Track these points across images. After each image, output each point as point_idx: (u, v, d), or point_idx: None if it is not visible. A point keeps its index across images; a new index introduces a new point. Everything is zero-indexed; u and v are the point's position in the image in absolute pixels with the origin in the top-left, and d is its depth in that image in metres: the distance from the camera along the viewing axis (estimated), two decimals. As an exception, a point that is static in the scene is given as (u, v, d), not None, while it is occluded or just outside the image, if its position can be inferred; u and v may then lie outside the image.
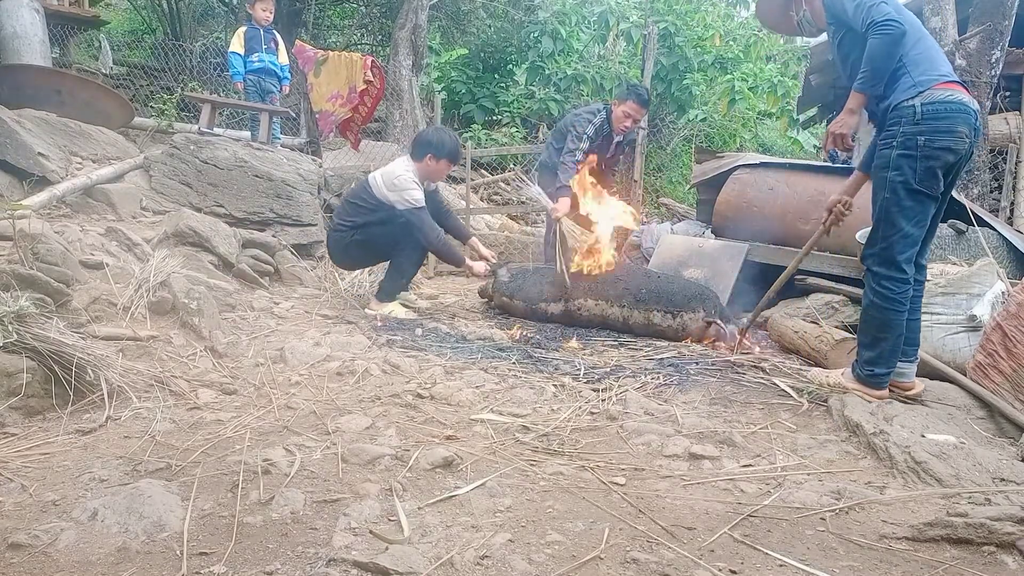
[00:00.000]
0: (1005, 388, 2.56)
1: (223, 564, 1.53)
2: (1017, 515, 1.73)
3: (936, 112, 2.41)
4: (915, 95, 2.44)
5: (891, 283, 2.54)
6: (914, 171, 2.44)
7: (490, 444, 2.30)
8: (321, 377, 2.91)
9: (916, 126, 2.43)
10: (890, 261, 2.53)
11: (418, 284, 5.46)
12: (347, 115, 5.90)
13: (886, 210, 2.51)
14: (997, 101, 6.18)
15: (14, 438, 2.13)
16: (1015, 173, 6.35)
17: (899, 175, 2.46)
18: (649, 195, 9.85)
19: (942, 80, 2.45)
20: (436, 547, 1.63)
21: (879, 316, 2.57)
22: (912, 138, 2.44)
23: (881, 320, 2.57)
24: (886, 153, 2.51)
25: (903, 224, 2.49)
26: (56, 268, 2.95)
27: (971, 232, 3.95)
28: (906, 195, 2.47)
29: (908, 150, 2.44)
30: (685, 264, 4.92)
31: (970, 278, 3.00)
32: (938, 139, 2.42)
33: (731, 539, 1.73)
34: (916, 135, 2.43)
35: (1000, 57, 5.49)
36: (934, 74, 2.46)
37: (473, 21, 10.67)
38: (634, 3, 10.67)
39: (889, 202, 2.49)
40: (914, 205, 2.48)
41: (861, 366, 2.66)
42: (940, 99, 2.42)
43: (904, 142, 2.45)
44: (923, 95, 2.43)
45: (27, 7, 6.65)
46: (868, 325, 2.62)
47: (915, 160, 2.44)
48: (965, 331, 2.89)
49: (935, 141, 2.42)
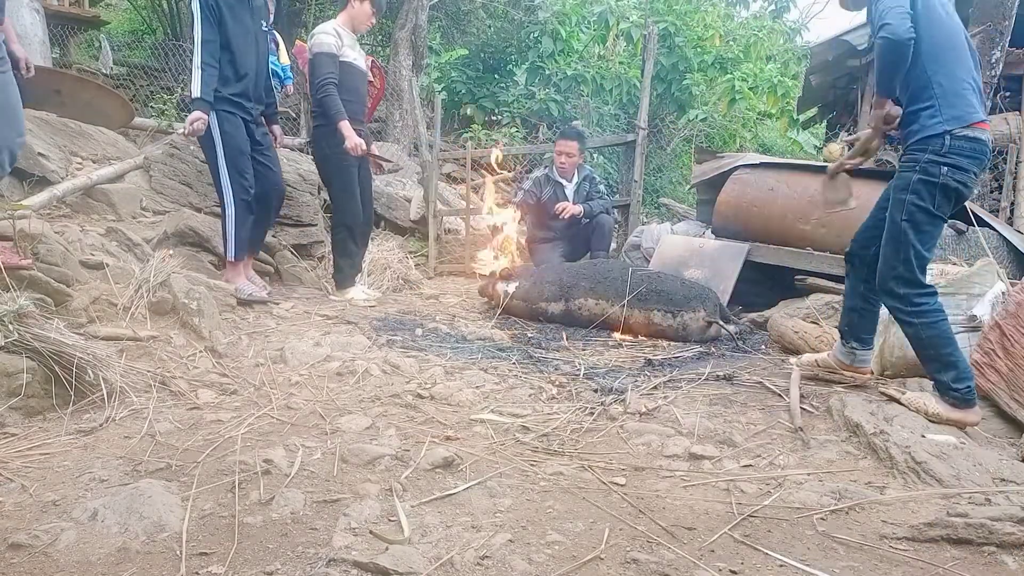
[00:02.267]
0: (1001, 387, 2.56)
1: (223, 564, 1.53)
2: (1017, 515, 1.73)
3: (962, 149, 2.44)
4: (945, 129, 2.45)
5: (923, 298, 2.53)
6: (933, 197, 2.47)
7: (490, 444, 2.30)
8: (321, 377, 2.91)
9: (942, 157, 2.45)
10: (914, 281, 2.54)
11: (419, 284, 5.47)
12: (347, 115, 5.89)
13: (904, 232, 2.52)
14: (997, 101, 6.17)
15: (14, 438, 2.13)
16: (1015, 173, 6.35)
17: (918, 199, 2.49)
18: (649, 195, 9.85)
19: (974, 119, 2.46)
20: (436, 547, 1.63)
21: (933, 332, 2.52)
22: (935, 165, 2.46)
23: (937, 336, 2.51)
24: (907, 176, 2.53)
25: (919, 247, 2.52)
26: (56, 268, 2.95)
27: (971, 232, 3.95)
28: (925, 219, 2.50)
29: (930, 176, 2.47)
30: (685, 264, 4.92)
31: (970, 278, 3.00)
32: (958, 174, 2.46)
33: (731, 539, 1.73)
34: (940, 164, 2.46)
35: (1000, 57, 5.49)
36: (966, 111, 2.46)
37: (473, 21, 10.66)
38: (634, 3, 10.67)
39: (906, 225, 2.52)
40: (931, 230, 2.53)
41: (952, 389, 2.48)
42: (970, 136, 2.45)
43: (926, 168, 2.48)
44: (953, 131, 2.44)
45: (27, 7, 6.65)
46: (929, 348, 2.54)
47: (935, 187, 2.47)
48: (965, 331, 2.89)
49: (956, 174, 2.46)
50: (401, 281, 5.35)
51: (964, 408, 2.47)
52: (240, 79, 4.02)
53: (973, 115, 2.46)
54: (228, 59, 3.97)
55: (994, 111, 6.06)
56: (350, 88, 4.42)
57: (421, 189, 6.75)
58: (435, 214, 6.28)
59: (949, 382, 2.47)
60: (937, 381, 2.53)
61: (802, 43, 11.02)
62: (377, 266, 5.27)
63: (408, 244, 6.47)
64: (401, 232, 6.63)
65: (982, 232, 3.80)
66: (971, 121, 2.45)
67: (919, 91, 2.50)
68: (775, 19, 11.66)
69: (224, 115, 3.97)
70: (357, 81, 4.52)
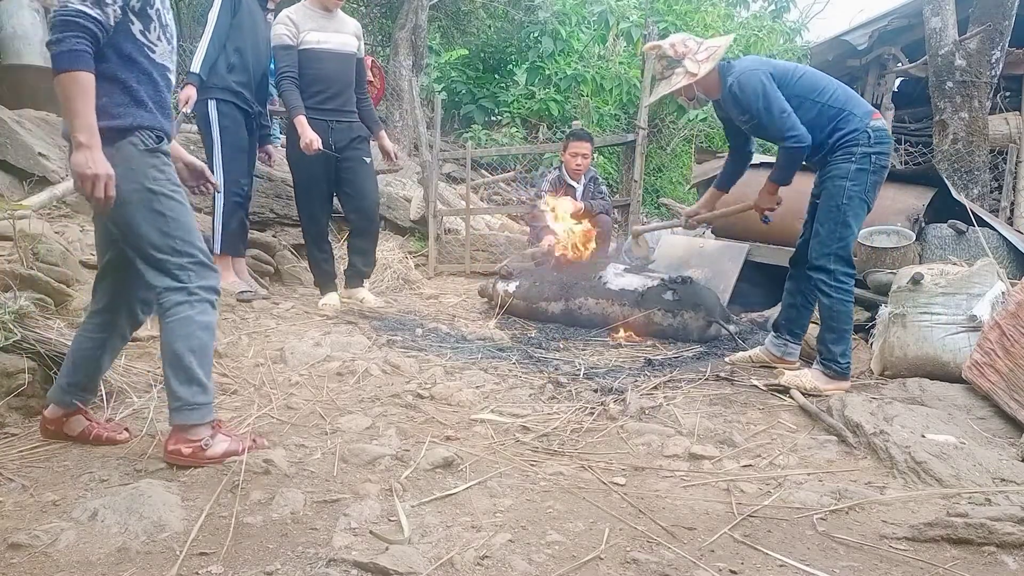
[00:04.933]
0: (1000, 387, 2.56)
1: (223, 564, 1.53)
2: (1017, 515, 1.73)
3: (880, 137, 2.92)
4: (865, 124, 2.91)
5: (847, 277, 2.93)
6: (866, 183, 2.91)
7: (490, 444, 2.30)
8: (321, 377, 2.91)
9: (871, 147, 2.90)
10: (846, 258, 2.93)
11: (419, 284, 5.47)
12: (347, 115, 5.88)
13: (843, 214, 2.91)
14: (997, 101, 6.18)
15: (14, 438, 2.13)
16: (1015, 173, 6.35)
17: (855, 185, 2.90)
18: (649, 195, 9.85)
19: (875, 112, 2.99)
20: (436, 547, 1.63)
21: (844, 309, 2.93)
22: (867, 156, 2.90)
23: (845, 312, 2.93)
24: (844, 167, 2.93)
25: (855, 226, 2.94)
26: (56, 268, 2.95)
27: (971, 232, 3.95)
28: (859, 204, 2.93)
29: (864, 166, 2.90)
30: (686, 264, 4.92)
31: (970, 278, 3.00)
32: (882, 159, 2.93)
33: (731, 539, 1.73)
34: (872, 154, 2.90)
35: (1000, 57, 5.49)
36: (868, 107, 3.00)
37: (473, 21, 10.66)
38: (634, 3, 10.66)
39: (847, 207, 2.91)
40: (862, 214, 2.97)
41: (836, 362, 2.91)
42: (880, 127, 2.94)
43: (862, 158, 2.90)
44: (869, 124, 2.91)
45: (27, 7, 6.65)
46: (836, 321, 2.94)
47: (867, 174, 2.90)
48: (965, 331, 2.89)
49: (881, 160, 2.92)
50: (401, 281, 5.36)
51: (840, 379, 2.92)
52: (244, 70, 4.03)
53: (873, 110, 3.00)
54: (236, 48, 3.97)
55: (994, 111, 6.07)
56: (318, 77, 3.99)
57: (421, 189, 6.75)
58: (435, 214, 6.28)
59: (838, 355, 2.90)
60: (828, 351, 2.93)
61: (802, 43, 11.01)
62: (377, 266, 5.27)
63: (408, 244, 6.47)
64: (401, 232, 6.63)
65: (982, 232, 3.80)
66: (874, 112, 2.98)
67: (832, 116, 2.96)
68: (775, 19, 11.65)
69: (224, 107, 3.96)
70: (328, 67, 4.01)
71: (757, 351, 3.39)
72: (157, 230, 1.96)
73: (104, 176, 1.82)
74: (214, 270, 2.10)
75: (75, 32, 1.77)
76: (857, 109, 2.95)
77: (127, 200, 1.91)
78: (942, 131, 5.44)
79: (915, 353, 2.97)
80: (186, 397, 1.98)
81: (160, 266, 1.97)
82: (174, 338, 1.97)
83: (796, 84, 3.00)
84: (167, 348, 1.98)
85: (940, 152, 5.46)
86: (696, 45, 3.07)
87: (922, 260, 3.94)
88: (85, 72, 1.79)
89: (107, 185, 1.83)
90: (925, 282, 3.02)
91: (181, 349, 1.96)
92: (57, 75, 1.78)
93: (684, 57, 3.05)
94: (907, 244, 3.88)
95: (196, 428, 1.99)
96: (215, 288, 2.07)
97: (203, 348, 2.01)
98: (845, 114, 2.95)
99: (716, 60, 3.02)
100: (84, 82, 1.79)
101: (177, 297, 1.97)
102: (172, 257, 1.98)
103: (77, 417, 2.12)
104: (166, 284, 1.97)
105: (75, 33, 1.77)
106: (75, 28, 1.78)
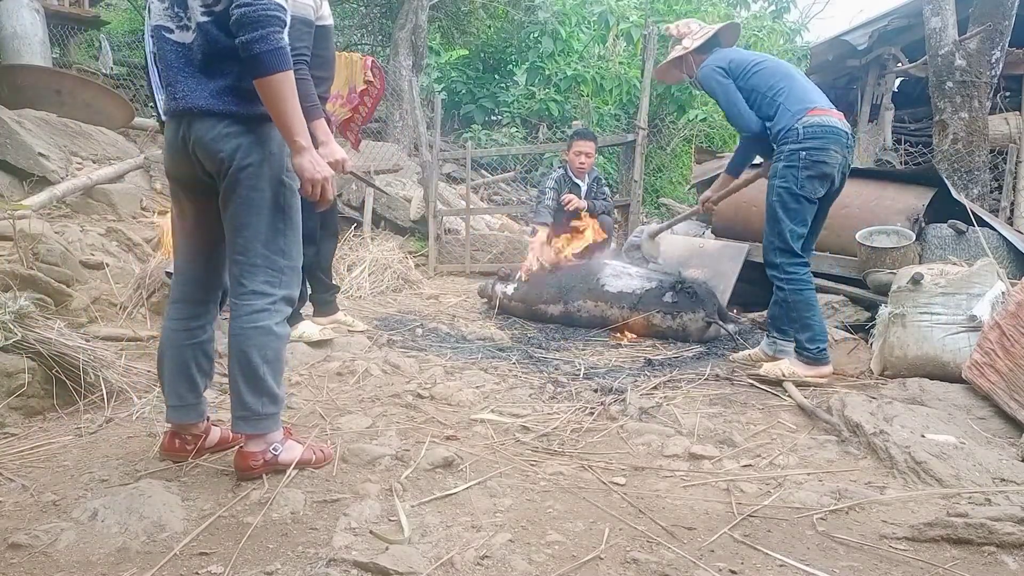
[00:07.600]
0: (1000, 387, 2.56)
1: (223, 564, 1.53)
2: (1017, 515, 1.73)
3: (814, 133, 2.94)
4: (795, 121, 2.97)
5: (794, 267, 3.03)
6: (796, 179, 2.97)
7: (490, 444, 2.30)
8: (321, 377, 2.91)
9: (799, 144, 2.95)
10: (788, 250, 3.03)
11: (419, 284, 5.47)
12: (347, 115, 5.89)
13: (774, 210, 3.05)
14: (997, 101, 6.17)
15: (14, 438, 2.14)
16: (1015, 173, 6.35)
17: (783, 183, 3.00)
18: (649, 195, 9.85)
19: (813, 107, 3.00)
20: (436, 547, 1.63)
21: (799, 298, 3.03)
22: (795, 153, 2.96)
23: (801, 301, 3.03)
24: (775, 166, 3.05)
25: (788, 222, 3.01)
26: (56, 268, 2.95)
27: (971, 232, 3.95)
28: (790, 199, 3.00)
29: (791, 163, 2.97)
30: (686, 264, 4.91)
31: (970, 278, 3.00)
32: (815, 154, 2.94)
33: (731, 539, 1.73)
34: (799, 150, 2.95)
35: (1000, 57, 5.48)
36: (807, 104, 3.02)
37: (473, 21, 10.66)
38: (634, 3, 10.67)
39: (776, 204, 3.03)
40: (798, 208, 3.01)
41: (807, 349, 3.00)
42: (815, 122, 2.96)
43: (788, 156, 2.98)
44: (801, 120, 2.96)
45: (27, 7, 6.65)
46: (793, 311, 3.06)
47: (797, 170, 2.96)
48: (965, 331, 2.89)
49: (813, 155, 2.94)
50: (401, 281, 5.36)
51: (817, 366, 2.99)
52: None
53: (815, 104, 3.01)
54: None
55: (994, 111, 6.06)
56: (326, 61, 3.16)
57: (421, 189, 6.75)
58: (435, 214, 6.28)
59: (804, 342, 3.00)
60: (797, 341, 3.04)
61: (802, 43, 11.02)
62: (377, 266, 5.27)
63: (408, 244, 6.47)
64: (401, 232, 6.63)
65: (982, 232, 3.79)
66: (812, 107, 2.99)
67: (770, 114, 3.07)
68: (775, 19, 11.66)
69: None
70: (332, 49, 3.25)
71: (756, 351, 3.44)
72: (274, 227, 1.86)
73: (330, 178, 1.81)
74: (300, 278, 2.01)
75: (278, 28, 1.70)
76: (793, 106, 3.01)
77: (259, 188, 1.82)
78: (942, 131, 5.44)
79: (915, 353, 2.97)
80: (255, 408, 1.88)
81: (262, 265, 1.86)
82: (249, 345, 1.85)
83: (751, 78, 3.13)
84: (240, 354, 1.86)
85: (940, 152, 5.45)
86: (698, 27, 3.43)
87: (922, 260, 3.94)
88: (291, 71, 1.73)
89: (327, 187, 1.81)
90: (925, 282, 3.02)
91: (256, 358, 1.85)
92: (269, 75, 1.69)
93: (684, 37, 3.42)
94: (907, 244, 3.88)
95: (261, 438, 1.91)
96: (293, 299, 1.96)
97: (277, 358, 1.90)
98: (779, 111, 3.04)
99: (704, 38, 3.33)
100: (293, 81, 1.74)
101: (261, 303, 1.87)
102: (278, 258, 1.88)
103: (208, 426, 2.10)
104: (254, 287, 1.86)
105: (278, 29, 1.70)
106: (278, 24, 1.70)
